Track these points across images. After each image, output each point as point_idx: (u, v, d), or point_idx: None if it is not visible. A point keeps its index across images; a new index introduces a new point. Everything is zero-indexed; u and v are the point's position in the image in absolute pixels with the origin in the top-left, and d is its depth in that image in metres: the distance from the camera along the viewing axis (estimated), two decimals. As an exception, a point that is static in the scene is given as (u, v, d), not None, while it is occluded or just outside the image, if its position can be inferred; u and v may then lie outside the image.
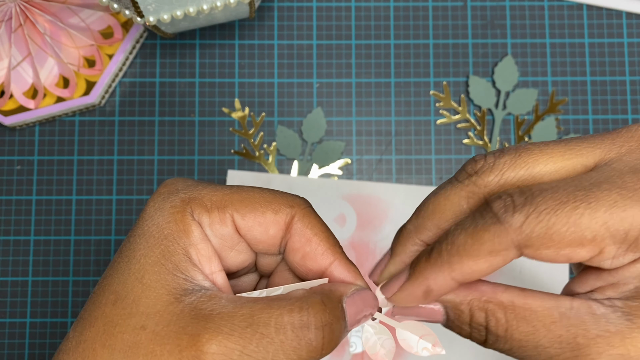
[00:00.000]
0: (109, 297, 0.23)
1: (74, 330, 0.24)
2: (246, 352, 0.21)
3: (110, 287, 0.24)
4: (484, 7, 0.49)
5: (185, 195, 0.24)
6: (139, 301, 0.23)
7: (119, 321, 0.23)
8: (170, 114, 0.48)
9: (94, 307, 0.24)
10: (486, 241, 0.21)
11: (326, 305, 0.23)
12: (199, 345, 0.21)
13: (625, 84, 0.48)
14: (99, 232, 0.46)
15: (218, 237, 0.25)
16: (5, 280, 0.46)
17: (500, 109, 0.47)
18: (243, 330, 0.21)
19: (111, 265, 0.24)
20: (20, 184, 0.47)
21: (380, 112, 0.48)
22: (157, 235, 0.24)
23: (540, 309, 0.22)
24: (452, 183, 0.24)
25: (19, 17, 0.45)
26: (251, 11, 0.43)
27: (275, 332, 0.21)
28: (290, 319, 0.22)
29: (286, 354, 0.22)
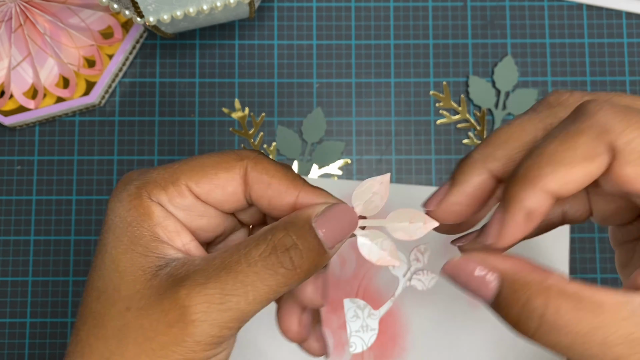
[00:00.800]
0: (92, 294, 0.24)
1: (72, 334, 0.25)
2: (225, 292, 0.22)
3: (92, 285, 0.25)
4: (484, 7, 0.49)
5: (138, 182, 0.25)
6: (119, 288, 0.24)
7: (105, 312, 0.24)
8: (170, 114, 0.48)
9: (83, 307, 0.25)
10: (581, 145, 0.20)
11: (288, 229, 0.23)
12: (180, 301, 0.22)
13: (625, 84, 0.48)
14: (99, 232, 0.46)
15: (182, 210, 0.25)
16: (5, 280, 0.46)
17: (500, 109, 0.48)
18: (217, 274, 0.22)
19: (92, 266, 0.25)
20: (20, 184, 0.47)
21: (380, 112, 0.48)
22: (121, 225, 0.24)
23: (609, 303, 0.20)
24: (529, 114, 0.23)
25: (19, 17, 0.45)
26: (251, 11, 0.43)
27: (247, 266, 0.22)
28: (257, 251, 0.23)
29: (263, 282, 0.22)
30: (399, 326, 0.45)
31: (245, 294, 0.22)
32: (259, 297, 0.23)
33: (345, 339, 0.45)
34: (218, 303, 0.22)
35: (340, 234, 0.24)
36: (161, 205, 0.25)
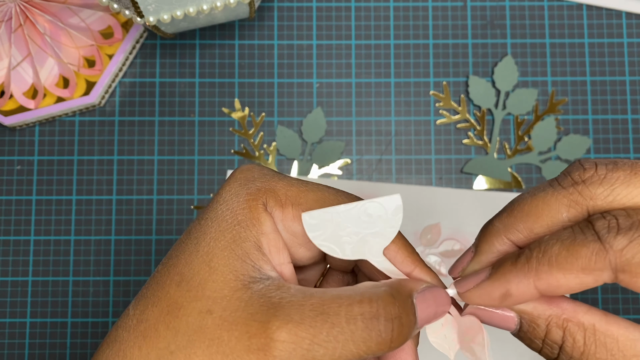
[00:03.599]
0: (173, 278, 0.23)
1: (134, 308, 0.23)
2: (316, 341, 0.21)
3: (176, 268, 0.23)
4: (484, 7, 0.49)
5: (261, 185, 0.24)
6: (205, 284, 0.22)
7: (183, 303, 0.22)
8: (170, 114, 0.48)
9: (158, 287, 0.23)
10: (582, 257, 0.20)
11: (395, 298, 0.22)
12: (269, 332, 0.21)
13: (625, 84, 0.48)
14: (98, 232, 0.46)
15: (289, 233, 0.24)
16: (5, 280, 0.46)
17: (500, 109, 0.47)
18: (313, 319, 0.21)
19: (177, 246, 0.24)
20: (21, 184, 0.47)
21: (380, 112, 0.48)
22: (230, 220, 0.23)
23: (623, 339, 0.21)
24: (554, 187, 0.23)
25: (19, 17, 0.45)
26: (251, 11, 0.43)
27: (345, 322, 0.21)
28: (360, 309, 0.21)
29: (356, 344, 0.21)
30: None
31: (334, 349, 0.21)
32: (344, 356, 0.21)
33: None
34: (305, 349, 0.21)
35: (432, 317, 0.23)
36: (273, 219, 0.24)
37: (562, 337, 0.22)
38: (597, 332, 0.21)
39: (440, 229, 0.46)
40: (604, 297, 0.46)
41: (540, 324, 0.22)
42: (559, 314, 0.22)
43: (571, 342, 0.21)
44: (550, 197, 0.22)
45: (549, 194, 0.22)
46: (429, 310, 0.23)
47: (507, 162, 0.47)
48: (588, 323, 0.22)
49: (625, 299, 0.45)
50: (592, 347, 0.21)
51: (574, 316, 0.22)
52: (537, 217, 0.23)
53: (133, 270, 0.46)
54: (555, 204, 0.22)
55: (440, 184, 0.47)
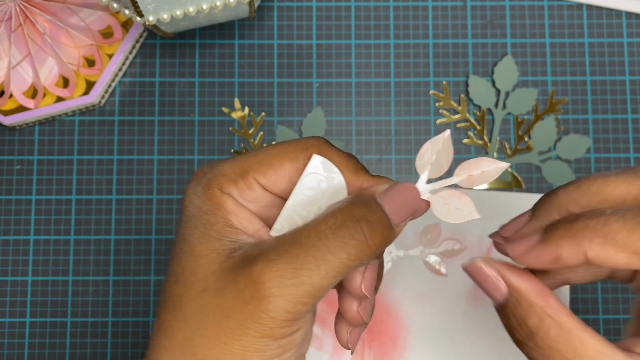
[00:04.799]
0: (170, 279, 0.25)
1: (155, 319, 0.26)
2: (297, 266, 0.22)
3: (171, 270, 0.26)
4: (484, 7, 0.49)
5: (211, 175, 0.26)
6: (195, 271, 0.24)
7: (183, 294, 0.24)
8: (170, 114, 0.48)
9: (163, 293, 0.26)
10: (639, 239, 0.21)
11: (355, 203, 0.24)
12: (255, 278, 0.23)
13: (625, 84, 0.48)
14: (98, 231, 0.46)
15: (252, 202, 0.26)
16: (5, 280, 0.46)
17: (500, 108, 0.47)
18: (289, 250, 0.23)
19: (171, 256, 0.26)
20: (20, 184, 0.47)
21: (380, 111, 0.48)
22: (197, 214, 0.25)
23: (593, 350, 0.22)
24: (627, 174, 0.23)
25: (18, 16, 0.45)
26: (251, 11, 0.43)
27: (317, 240, 0.23)
28: (326, 224, 0.23)
29: (335, 254, 0.23)
30: (399, 327, 0.45)
31: (317, 267, 0.22)
32: (331, 270, 0.23)
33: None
34: (291, 278, 0.22)
35: (405, 211, 0.24)
36: (232, 197, 0.26)
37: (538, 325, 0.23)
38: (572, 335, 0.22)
39: (440, 229, 0.46)
40: (604, 296, 0.46)
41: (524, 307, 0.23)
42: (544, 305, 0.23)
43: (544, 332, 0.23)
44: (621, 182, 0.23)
45: (620, 179, 0.23)
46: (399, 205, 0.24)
47: (507, 162, 0.47)
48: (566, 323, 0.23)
49: (625, 299, 0.45)
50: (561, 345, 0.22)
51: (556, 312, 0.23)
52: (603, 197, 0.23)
53: (133, 270, 0.46)
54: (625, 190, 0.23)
55: (440, 183, 0.47)
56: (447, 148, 0.25)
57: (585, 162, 0.47)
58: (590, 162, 0.47)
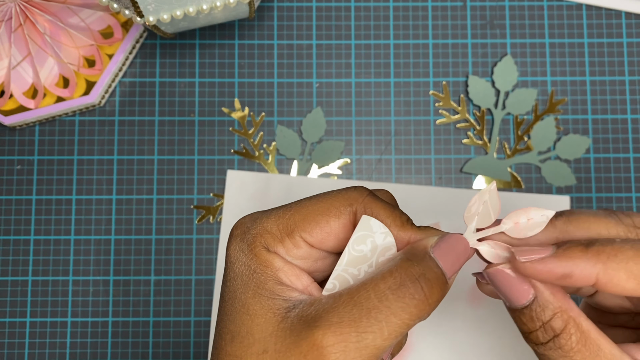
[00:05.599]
0: (226, 337, 0.25)
1: None
2: (361, 330, 0.22)
3: (225, 329, 0.25)
4: (484, 7, 0.49)
5: (255, 231, 0.26)
6: (252, 331, 0.24)
7: (241, 354, 0.24)
8: (170, 114, 0.48)
9: (217, 351, 0.25)
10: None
11: (412, 260, 0.23)
12: (318, 342, 0.22)
13: (624, 84, 0.48)
14: (98, 231, 0.46)
15: (298, 259, 0.26)
16: (6, 280, 0.46)
17: (500, 108, 0.48)
18: (350, 313, 0.22)
19: (219, 312, 0.26)
20: (21, 184, 0.47)
21: (379, 112, 0.48)
22: (247, 273, 0.25)
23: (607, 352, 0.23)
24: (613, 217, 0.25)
25: (19, 16, 0.45)
26: (251, 11, 0.43)
27: (378, 301, 0.22)
28: (385, 284, 0.23)
29: (397, 316, 0.22)
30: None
31: (380, 330, 0.22)
32: (394, 332, 0.23)
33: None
34: (355, 342, 0.22)
35: (457, 263, 0.25)
36: (279, 255, 0.25)
37: (562, 327, 0.24)
38: (590, 337, 0.23)
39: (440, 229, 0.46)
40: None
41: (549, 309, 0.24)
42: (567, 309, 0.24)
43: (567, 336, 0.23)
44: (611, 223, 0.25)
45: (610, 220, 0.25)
46: (450, 258, 0.24)
47: (506, 162, 0.47)
48: (586, 327, 0.24)
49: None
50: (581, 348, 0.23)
51: (577, 316, 0.24)
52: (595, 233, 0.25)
53: (133, 269, 0.46)
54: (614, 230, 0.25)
55: (440, 183, 0.47)
56: (494, 199, 0.25)
57: (584, 162, 0.47)
58: (589, 162, 0.47)
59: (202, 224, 0.47)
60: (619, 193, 0.47)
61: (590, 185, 0.47)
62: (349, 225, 0.26)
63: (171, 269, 0.46)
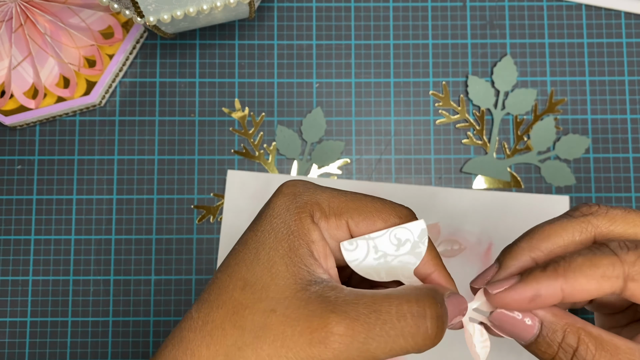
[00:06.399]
0: (237, 283, 0.25)
1: (197, 312, 0.26)
2: (371, 335, 0.23)
3: (238, 274, 0.26)
4: (483, 7, 0.49)
5: (307, 198, 0.27)
6: (268, 288, 0.25)
7: (248, 304, 0.25)
8: (170, 114, 0.48)
9: (221, 292, 0.26)
10: (602, 265, 0.25)
11: (436, 300, 0.25)
12: (329, 327, 0.23)
13: (624, 84, 0.48)
14: (99, 231, 0.46)
15: (334, 240, 0.27)
16: (6, 280, 0.46)
17: (499, 108, 0.48)
18: (368, 315, 0.24)
19: (235, 254, 0.27)
20: (21, 184, 0.47)
21: (379, 112, 0.48)
22: (284, 231, 0.26)
23: (624, 348, 0.25)
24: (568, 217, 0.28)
25: (19, 17, 0.45)
26: (251, 11, 0.43)
27: (397, 319, 0.24)
28: (409, 308, 0.24)
29: (405, 339, 0.24)
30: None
31: (385, 342, 0.23)
32: (394, 350, 0.24)
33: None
34: (360, 342, 0.23)
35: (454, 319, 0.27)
36: (319, 229, 0.26)
37: (577, 341, 0.25)
38: (604, 341, 0.25)
39: (440, 229, 0.46)
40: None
41: (558, 329, 0.26)
42: (574, 323, 0.26)
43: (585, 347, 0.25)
44: (566, 223, 0.28)
45: (565, 222, 0.28)
46: (454, 312, 0.26)
47: (506, 162, 0.47)
48: (596, 333, 0.26)
49: (624, 298, 0.46)
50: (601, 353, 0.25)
51: (584, 326, 0.26)
52: (556, 238, 0.28)
53: (133, 269, 0.46)
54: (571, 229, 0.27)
55: (440, 183, 0.47)
56: None
57: (584, 162, 0.47)
58: (589, 162, 0.47)
59: (202, 223, 0.47)
60: (619, 193, 0.47)
61: (590, 185, 0.47)
62: None
63: (171, 268, 0.46)
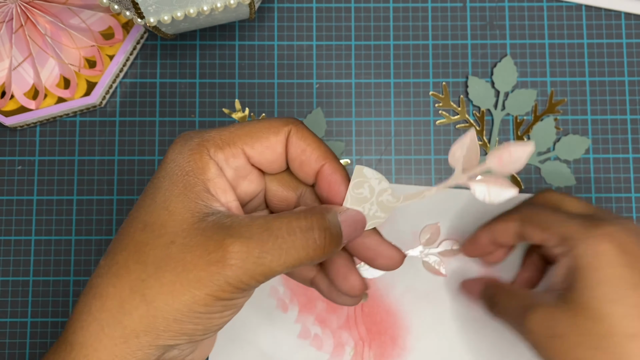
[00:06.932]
0: (137, 226, 0.27)
1: (104, 259, 0.27)
2: (264, 249, 0.25)
3: (138, 218, 0.27)
4: (483, 8, 0.49)
5: (199, 139, 0.28)
6: (166, 224, 0.27)
7: (149, 241, 0.26)
8: (170, 115, 0.48)
9: (123, 236, 0.27)
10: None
11: (324, 216, 0.27)
12: (225, 246, 0.25)
13: (624, 84, 0.48)
14: (99, 232, 0.47)
15: (233, 169, 0.29)
16: (7, 280, 0.46)
17: (500, 109, 0.48)
18: (260, 234, 0.26)
19: (136, 204, 0.28)
20: (21, 184, 0.47)
21: (379, 112, 0.48)
22: (179, 173, 0.28)
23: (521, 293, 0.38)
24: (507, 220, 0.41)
25: (19, 17, 0.45)
26: (251, 12, 0.43)
27: (287, 234, 0.26)
28: (298, 223, 0.26)
29: (297, 250, 0.26)
30: (399, 327, 0.45)
31: (279, 256, 0.26)
32: (288, 262, 0.26)
33: (345, 339, 0.45)
34: (255, 257, 0.25)
35: (353, 235, 0.29)
36: (216, 163, 0.28)
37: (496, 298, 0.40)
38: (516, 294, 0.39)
39: (440, 229, 0.46)
40: (603, 296, 0.46)
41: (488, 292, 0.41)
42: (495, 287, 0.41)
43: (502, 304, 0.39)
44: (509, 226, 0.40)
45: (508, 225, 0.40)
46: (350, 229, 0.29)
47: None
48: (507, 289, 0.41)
49: (624, 298, 0.46)
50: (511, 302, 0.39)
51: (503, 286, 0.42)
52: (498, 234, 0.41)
53: (134, 270, 0.46)
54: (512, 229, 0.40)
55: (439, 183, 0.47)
56: (474, 144, 0.28)
57: (584, 163, 0.47)
58: (589, 163, 0.47)
59: (202, 224, 0.47)
60: (619, 193, 0.47)
61: (590, 185, 0.47)
62: (284, 141, 0.29)
63: (172, 269, 0.46)
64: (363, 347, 0.45)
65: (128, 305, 0.26)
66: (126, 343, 0.26)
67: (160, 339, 0.26)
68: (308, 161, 0.29)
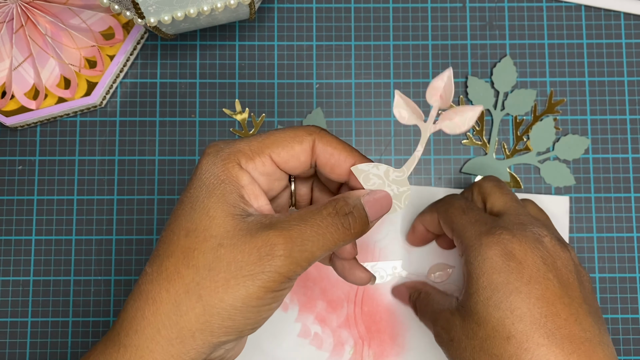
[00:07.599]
0: (180, 233, 0.29)
1: (151, 266, 0.29)
2: (305, 238, 0.28)
3: (179, 226, 0.29)
4: (483, 8, 0.49)
5: (229, 150, 0.31)
6: (209, 229, 0.29)
7: (196, 246, 0.28)
8: (171, 115, 0.48)
9: (167, 244, 0.29)
10: None
11: (347, 201, 0.30)
12: (271, 240, 0.28)
13: (623, 85, 0.48)
14: (100, 232, 0.47)
15: (264, 175, 0.31)
16: (7, 280, 0.46)
17: (499, 109, 0.48)
18: (298, 225, 0.29)
19: (174, 214, 0.30)
20: (22, 184, 0.47)
21: (379, 112, 0.48)
22: (215, 182, 0.30)
23: None
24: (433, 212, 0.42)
25: (20, 17, 0.45)
26: (251, 12, 0.43)
27: (320, 221, 0.29)
28: (327, 211, 0.29)
29: (330, 234, 0.29)
30: (399, 325, 0.45)
31: (317, 241, 0.29)
32: (325, 245, 0.29)
33: (345, 338, 0.45)
34: (299, 245, 0.28)
35: (380, 212, 0.32)
36: (248, 172, 0.31)
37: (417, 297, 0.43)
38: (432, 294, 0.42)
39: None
40: (602, 296, 0.46)
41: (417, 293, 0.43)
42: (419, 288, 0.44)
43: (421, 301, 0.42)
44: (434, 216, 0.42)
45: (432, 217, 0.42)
46: (374, 208, 0.31)
47: (505, 163, 0.47)
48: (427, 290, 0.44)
49: (623, 298, 0.46)
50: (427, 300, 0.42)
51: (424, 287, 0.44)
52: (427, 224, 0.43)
53: (134, 269, 0.46)
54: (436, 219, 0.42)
55: (439, 184, 0.47)
56: (450, 82, 0.30)
57: (584, 163, 0.47)
58: (588, 163, 0.47)
59: (202, 224, 0.47)
60: (618, 193, 0.47)
61: (589, 185, 0.47)
62: (308, 150, 0.32)
63: (172, 268, 0.46)
64: (362, 346, 0.45)
65: (184, 307, 0.28)
66: (182, 343, 0.28)
67: (214, 336, 0.28)
68: (338, 163, 0.32)
